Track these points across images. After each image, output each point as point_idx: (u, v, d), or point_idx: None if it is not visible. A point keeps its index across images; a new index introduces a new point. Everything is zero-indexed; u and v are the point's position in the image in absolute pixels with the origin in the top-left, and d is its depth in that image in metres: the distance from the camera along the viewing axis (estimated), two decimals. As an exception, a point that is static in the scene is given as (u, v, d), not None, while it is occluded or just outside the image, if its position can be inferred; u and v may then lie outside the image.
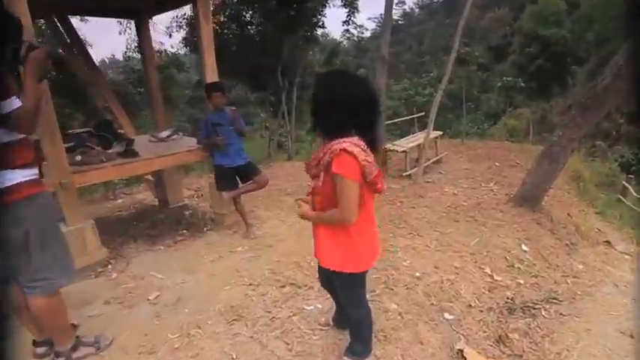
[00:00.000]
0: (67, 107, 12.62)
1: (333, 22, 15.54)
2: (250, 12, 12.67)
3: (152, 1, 4.30)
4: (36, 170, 1.85)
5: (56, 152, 2.91)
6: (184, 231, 4.15)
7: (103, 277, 3.15)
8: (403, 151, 6.78)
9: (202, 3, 3.64)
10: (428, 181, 6.12)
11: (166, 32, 12.92)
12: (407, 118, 9.03)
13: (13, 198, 1.71)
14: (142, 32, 4.73)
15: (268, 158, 19.03)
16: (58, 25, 4.37)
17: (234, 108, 3.94)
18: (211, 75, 3.83)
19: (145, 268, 3.26)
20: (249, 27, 12.66)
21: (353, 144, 1.47)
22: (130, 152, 3.62)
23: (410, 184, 5.93)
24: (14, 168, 1.72)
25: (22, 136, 1.74)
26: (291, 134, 14.33)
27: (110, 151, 3.65)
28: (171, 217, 4.55)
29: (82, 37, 5.72)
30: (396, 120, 8.78)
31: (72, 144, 3.54)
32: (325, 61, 17.47)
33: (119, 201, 5.79)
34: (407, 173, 6.46)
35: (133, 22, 4.89)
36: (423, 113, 8.59)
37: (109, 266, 3.31)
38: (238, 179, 3.94)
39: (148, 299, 2.77)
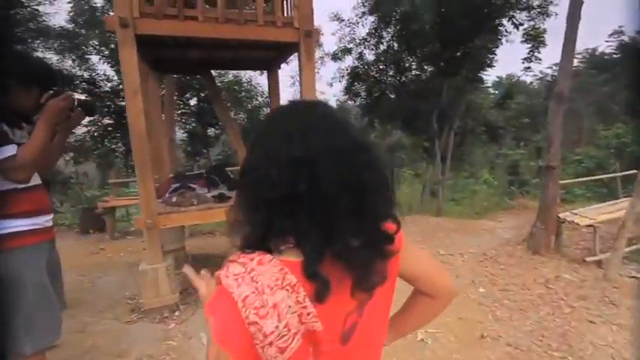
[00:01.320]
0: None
1: (512, 58, 13.50)
2: (411, 58, 12.36)
3: (278, 51, 4.39)
4: (36, 219, 1.76)
5: (145, 194, 3.04)
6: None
7: (162, 324, 3.03)
8: (589, 226, 4.74)
9: (306, 43, 3.37)
10: (629, 276, 3.97)
11: (328, 83, 13.98)
12: (603, 176, 6.48)
13: (4, 248, 1.63)
14: (272, 81, 4.92)
15: (420, 205, 17.71)
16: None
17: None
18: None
19: (201, 325, 2.98)
20: (406, 73, 12.32)
21: (245, 270, 0.66)
22: (220, 197, 3.56)
23: (596, 278, 3.97)
24: (9, 217, 1.65)
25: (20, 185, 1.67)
26: (442, 184, 12.78)
27: (210, 194, 3.69)
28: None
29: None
30: (584, 179, 6.41)
31: (178, 184, 3.76)
32: (498, 102, 15.21)
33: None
34: (594, 258, 4.42)
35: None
36: (636, 171, 5.93)
37: (177, 312, 3.20)
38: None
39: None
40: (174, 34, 3.04)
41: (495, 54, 11.57)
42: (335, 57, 12.76)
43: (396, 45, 12.07)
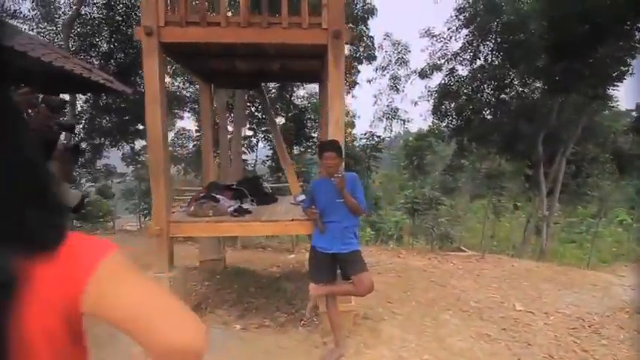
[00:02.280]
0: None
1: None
2: (513, 73, 10.82)
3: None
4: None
5: (158, 201, 3.01)
6: (277, 312, 3.39)
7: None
8: None
9: (334, 45, 3.00)
10: None
11: (413, 102, 13.13)
12: None
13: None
14: (322, 94, 4.64)
15: (523, 245, 15.04)
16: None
17: (354, 174, 2.94)
18: (334, 131, 3.04)
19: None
20: (507, 90, 10.79)
21: None
22: (239, 211, 3.35)
23: None
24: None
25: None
26: (548, 221, 10.60)
27: (231, 208, 3.52)
28: (284, 288, 3.94)
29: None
30: None
31: (205, 195, 3.69)
32: (634, 126, 12.16)
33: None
34: None
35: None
36: None
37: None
38: (340, 271, 2.84)
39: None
40: (198, 40, 3.01)
41: (629, 65, 9.30)
42: (423, 74, 11.96)
43: (495, 59, 10.73)
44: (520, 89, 10.68)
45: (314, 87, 16.27)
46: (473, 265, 6.06)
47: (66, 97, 6.34)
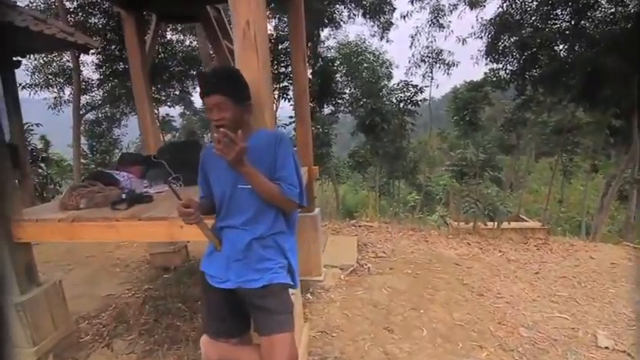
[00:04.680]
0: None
1: None
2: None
3: None
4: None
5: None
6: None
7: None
8: None
9: None
10: None
11: (461, 39, 10.59)
12: None
13: None
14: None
15: (600, 213, 12.39)
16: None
17: (277, 133, 1.51)
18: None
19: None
20: (590, 13, 8.03)
21: None
22: (130, 198, 2.13)
23: None
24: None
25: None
26: (637, 183, 8.16)
27: (127, 191, 2.30)
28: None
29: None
30: None
31: (107, 172, 2.52)
32: None
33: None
34: None
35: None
36: None
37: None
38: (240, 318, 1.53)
39: None
40: None
41: None
42: (474, 3, 9.40)
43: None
44: (610, 10, 7.88)
45: (345, 35, 14.19)
46: (531, 254, 4.39)
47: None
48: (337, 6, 10.55)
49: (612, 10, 7.85)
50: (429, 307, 2.90)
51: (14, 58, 5.33)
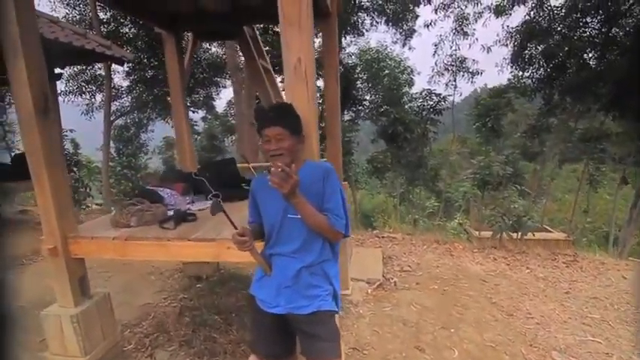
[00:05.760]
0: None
1: None
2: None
3: None
4: None
5: (44, 203, 2.03)
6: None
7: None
8: None
9: None
10: None
11: (486, 47, 10.45)
12: None
13: None
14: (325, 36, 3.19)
15: (628, 226, 11.94)
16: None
17: (326, 165, 1.58)
18: (293, 83, 1.69)
19: None
20: (621, 21, 7.82)
21: None
22: (177, 216, 2.25)
23: None
24: None
25: None
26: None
27: (171, 211, 2.43)
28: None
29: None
30: None
31: (150, 189, 2.65)
32: None
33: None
34: None
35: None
36: None
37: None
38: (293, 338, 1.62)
39: None
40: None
41: None
42: (500, 10, 9.26)
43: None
44: (643, 18, 7.67)
45: (366, 42, 14.21)
46: (559, 272, 4.32)
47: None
48: (360, 14, 10.62)
49: (645, 17, 7.62)
50: (459, 327, 2.92)
51: (56, 71, 5.64)
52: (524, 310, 3.29)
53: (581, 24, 8.25)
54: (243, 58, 8.18)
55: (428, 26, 11.85)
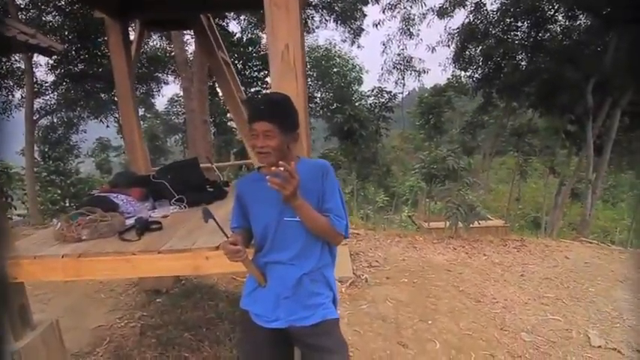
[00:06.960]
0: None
1: None
2: (557, 3, 8.64)
3: None
4: None
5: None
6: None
7: None
8: None
9: None
10: None
11: (430, 47, 11.03)
12: None
13: None
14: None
15: (554, 210, 13.39)
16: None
17: (323, 162, 1.45)
18: (280, 71, 1.54)
19: None
20: (548, 27, 8.67)
21: None
22: (141, 226, 1.97)
23: None
24: None
25: None
26: (595, 186, 8.91)
27: (130, 220, 2.13)
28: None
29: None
30: None
31: (102, 196, 2.31)
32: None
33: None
34: None
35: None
36: None
37: None
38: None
39: None
40: None
41: None
42: (442, 12, 9.81)
43: (533, -13, 8.53)
44: (565, 24, 8.56)
45: (314, 39, 14.18)
46: (512, 257, 4.63)
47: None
48: (309, 11, 10.55)
49: (567, 23, 8.51)
50: (435, 318, 2.96)
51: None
52: (489, 296, 3.45)
53: (513, 28, 9.01)
54: (192, 52, 7.69)
55: (377, 25, 12.17)
